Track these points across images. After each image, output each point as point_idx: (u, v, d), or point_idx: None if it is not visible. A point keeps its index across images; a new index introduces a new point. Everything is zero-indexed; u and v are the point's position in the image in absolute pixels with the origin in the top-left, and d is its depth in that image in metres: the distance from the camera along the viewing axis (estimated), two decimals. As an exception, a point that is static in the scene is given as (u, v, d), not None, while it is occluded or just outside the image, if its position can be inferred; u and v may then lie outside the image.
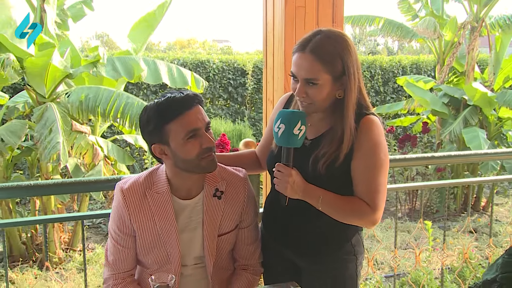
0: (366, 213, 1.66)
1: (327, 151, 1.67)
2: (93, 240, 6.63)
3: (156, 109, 1.63)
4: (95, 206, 7.73)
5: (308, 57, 1.61)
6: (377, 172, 1.66)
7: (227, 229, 1.81)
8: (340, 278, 1.83)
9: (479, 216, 7.44)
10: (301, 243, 1.82)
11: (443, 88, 8.08)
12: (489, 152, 2.91)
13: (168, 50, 22.36)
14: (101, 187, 2.22)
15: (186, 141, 1.62)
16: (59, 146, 4.48)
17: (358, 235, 1.86)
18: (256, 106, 9.85)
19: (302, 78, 1.63)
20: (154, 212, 1.73)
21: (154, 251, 1.77)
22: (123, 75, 5.15)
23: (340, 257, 1.82)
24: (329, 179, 1.67)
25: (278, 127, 1.63)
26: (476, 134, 7.15)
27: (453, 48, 8.15)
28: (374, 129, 1.67)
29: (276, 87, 2.33)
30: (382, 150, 1.67)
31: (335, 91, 1.66)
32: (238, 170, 1.87)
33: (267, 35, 2.41)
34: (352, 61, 1.63)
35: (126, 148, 8.13)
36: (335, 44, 1.62)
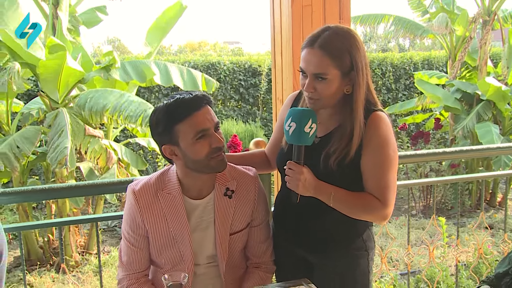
0: (377, 208, 1.68)
1: (338, 147, 1.68)
2: (109, 243, 6.70)
3: (166, 110, 1.65)
4: (110, 209, 7.80)
5: (317, 52, 1.63)
6: (386, 168, 1.68)
7: (239, 227, 1.83)
8: (352, 273, 1.84)
9: (495, 212, 7.36)
10: (312, 240, 1.83)
11: (455, 83, 8.02)
12: (502, 146, 2.88)
13: (179, 53, 22.48)
14: (114, 189, 2.26)
15: (195, 142, 1.64)
16: (66, 151, 4.53)
17: (369, 230, 1.87)
18: (268, 107, 9.86)
19: (311, 73, 1.65)
20: (166, 212, 1.75)
21: (167, 251, 1.79)
22: (134, 78, 5.20)
23: (352, 253, 1.83)
24: (340, 175, 1.68)
25: (289, 126, 1.65)
26: (489, 129, 7.08)
27: (464, 43, 8.08)
28: (382, 125, 1.68)
29: (286, 86, 2.34)
30: (391, 146, 1.68)
31: (344, 87, 1.67)
32: (248, 169, 1.88)
33: (275, 35, 2.43)
34: (360, 56, 1.65)
35: (139, 151, 8.20)
36: (343, 39, 1.64)
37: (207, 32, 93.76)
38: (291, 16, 2.21)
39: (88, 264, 5.71)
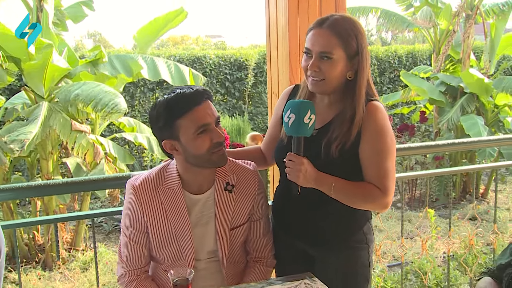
0: (378, 197, 1.70)
1: (339, 133, 1.70)
2: (95, 239, 6.64)
3: (166, 104, 1.64)
4: (95, 205, 7.73)
5: (325, 31, 1.67)
6: (384, 156, 1.70)
7: (239, 222, 1.83)
8: (353, 266, 1.85)
9: (478, 203, 7.49)
10: (313, 233, 1.84)
11: (439, 76, 8.12)
12: (492, 139, 2.94)
13: (161, 46, 22.28)
14: (111, 185, 2.24)
15: (196, 136, 1.63)
16: (30, 136, 4.41)
17: (369, 223, 1.89)
18: (253, 101, 9.86)
19: (317, 52, 1.67)
20: (166, 207, 1.74)
21: (167, 247, 1.78)
22: (122, 73, 5.15)
23: (352, 245, 1.84)
24: (341, 163, 1.70)
25: (288, 117, 1.65)
26: (475, 121, 7.19)
27: (448, 36, 8.17)
28: (379, 114, 1.71)
29: (282, 80, 2.34)
30: (389, 134, 1.71)
31: (347, 71, 1.70)
32: (248, 164, 1.88)
33: (271, 29, 2.42)
34: (364, 43, 1.69)
35: (125, 146, 8.13)
36: (351, 24, 1.69)
37: (189, 25, 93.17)
38: (287, 10, 2.20)
39: (75, 261, 5.66)
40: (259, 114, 9.82)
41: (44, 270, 5.37)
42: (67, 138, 4.97)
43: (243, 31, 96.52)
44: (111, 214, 2.22)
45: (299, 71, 2.24)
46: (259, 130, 9.50)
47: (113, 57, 5.33)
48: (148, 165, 7.77)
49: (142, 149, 8.32)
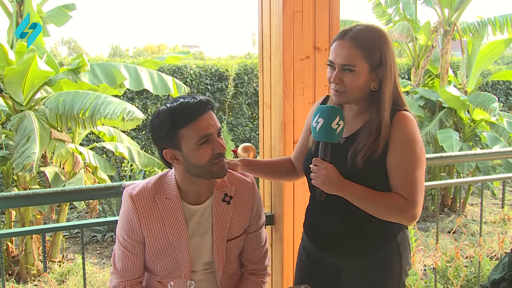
0: (404, 208, 1.65)
1: (366, 143, 1.67)
2: (72, 251, 6.53)
3: (169, 113, 1.63)
4: (72, 215, 7.61)
5: (347, 43, 1.65)
6: (413, 165, 1.66)
7: (236, 234, 1.82)
8: (382, 280, 1.79)
9: (456, 217, 7.63)
10: (341, 244, 1.80)
11: (419, 91, 8.29)
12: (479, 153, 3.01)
13: (138, 56, 22.14)
14: (101, 194, 2.20)
15: (198, 147, 1.63)
16: (34, 156, 4.41)
17: (404, 233, 1.81)
18: (234, 111, 9.86)
19: (339, 64, 1.66)
20: (164, 217, 1.72)
21: (163, 257, 1.76)
22: (104, 82, 5.10)
23: (383, 257, 1.78)
24: (367, 174, 1.67)
25: (316, 122, 1.65)
26: (449, 135, 7.38)
27: (427, 51, 8.37)
28: (409, 123, 1.67)
29: (274, 91, 2.35)
30: (418, 144, 1.67)
31: (371, 82, 1.68)
32: (246, 175, 1.88)
33: (264, 39, 2.43)
34: (389, 53, 1.67)
35: (103, 155, 8.02)
36: (374, 34, 1.67)
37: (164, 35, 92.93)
38: (282, 21, 2.21)
39: (51, 273, 5.55)
40: (239, 125, 9.83)
41: (18, 283, 5.25)
42: (46, 146, 4.89)
43: (220, 42, 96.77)
44: (109, 223, 2.18)
45: (292, 82, 2.26)
46: (239, 141, 9.51)
47: (95, 65, 5.28)
48: (128, 175, 7.68)
49: (121, 159, 8.24)
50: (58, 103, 4.88)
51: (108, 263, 6.02)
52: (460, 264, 4.13)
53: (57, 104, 4.90)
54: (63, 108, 4.85)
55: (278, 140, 2.32)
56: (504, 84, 12.04)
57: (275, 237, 2.45)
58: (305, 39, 2.25)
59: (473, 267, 4.87)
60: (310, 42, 2.26)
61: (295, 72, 2.25)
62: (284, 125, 2.26)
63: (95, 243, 6.81)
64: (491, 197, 8.56)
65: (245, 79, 9.85)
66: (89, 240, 6.81)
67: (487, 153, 3.79)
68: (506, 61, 19.33)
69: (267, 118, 2.46)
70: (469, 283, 4.50)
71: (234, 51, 41.65)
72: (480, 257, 3.26)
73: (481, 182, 3.37)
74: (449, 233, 6.46)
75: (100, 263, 6.13)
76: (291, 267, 2.38)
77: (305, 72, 2.27)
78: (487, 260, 4.73)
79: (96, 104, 4.78)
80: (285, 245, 2.36)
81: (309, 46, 2.26)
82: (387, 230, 1.76)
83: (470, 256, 5.38)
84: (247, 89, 9.89)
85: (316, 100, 2.29)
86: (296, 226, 2.34)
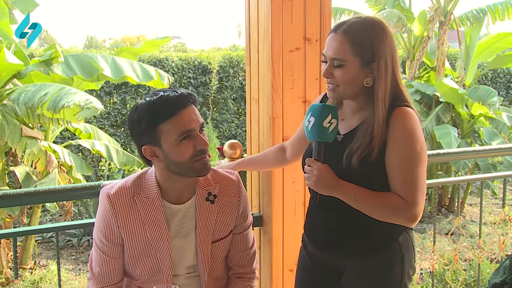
0: (403, 209, 1.65)
1: (362, 143, 1.68)
2: (45, 256, 6.49)
3: (148, 107, 1.63)
4: (45, 219, 7.56)
5: (338, 36, 1.67)
6: (412, 164, 1.65)
7: (221, 235, 1.83)
8: (383, 281, 1.81)
9: (454, 217, 7.70)
10: (340, 244, 1.82)
11: (414, 84, 8.35)
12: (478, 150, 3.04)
13: (116, 47, 22.00)
14: (78, 195, 2.19)
15: (179, 143, 1.63)
16: None
17: (407, 233, 1.81)
18: (218, 107, 9.85)
19: (329, 58, 1.69)
20: (143, 218, 1.73)
21: (143, 261, 1.77)
22: (79, 74, 5.06)
23: (385, 258, 1.79)
24: (363, 174, 1.68)
25: (308, 121, 1.67)
26: (448, 131, 7.44)
27: (422, 43, 8.43)
28: (408, 119, 1.67)
29: (262, 85, 2.36)
30: (418, 141, 1.67)
31: (363, 78, 1.69)
32: (231, 173, 1.89)
33: (251, 30, 2.44)
34: (384, 49, 1.67)
35: (78, 154, 7.98)
36: (368, 29, 1.68)
37: (144, 26, 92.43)
38: (270, 11, 2.21)
39: (22, 280, 5.51)
40: (224, 121, 9.83)
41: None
42: (16, 144, 4.86)
43: (204, 33, 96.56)
44: (86, 226, 2.17)
45: (281, 75, 2.27)
46: (224, 139, 9.51)
47: (69, 56, 5.23)
48: (106, 175, 7.64)
49: (99, 158, 8.19)
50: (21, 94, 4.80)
51: (85, 269, 6.00)
52: (458, 267, 4.18)
53: (19, 96, 4.83)
54: (24, 100, 4.76)
55: (266, 137, 2.33)
56: (504, 77, 12.19)
57: (264, 239, 2.46)
58: (295, 29, 2.26)
59: (473, 271, 4.95)
60: (300, 33, 2.27)
61: (284, 64, 2.26)
62: (272, 121, 2.28)
63: (70, 247, 6.78)
64: (491, 196, 8.66)
65: (231, 72, 9.85)
66: (63, 245, 6.77)
67: (487, 149, 3.85)
68: (506, 53, 19.55)
69: (255, 113, 2.48)
70: (468, 287, 4.56)
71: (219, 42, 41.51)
72: (479, 260, 3.30)
73: (481, 181, 3.40)
74: (447, 235, 6.52)
75: (75, 269, 6.10)
76: (281, 271, 2.39)
77: (295, 65, 2.28)
78: (487, 263, 4.79)
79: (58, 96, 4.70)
80: (274, 248, 2.37)
81: (299, 37, 2.27)
82: (388, 231, 1.76)
83: (469, 259, 5.46)
84: (232, 83, 9.90)
85: (306, 94, 2.31)
86: (286, 227, 2.35)
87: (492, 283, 1.83)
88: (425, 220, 7.60)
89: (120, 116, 8.94)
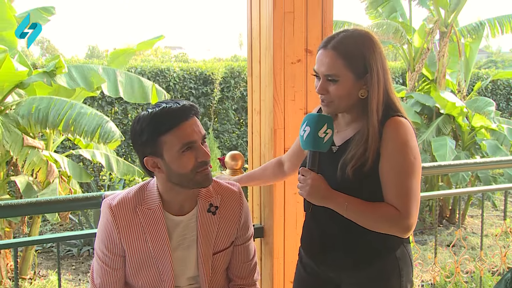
0: (397, 219, 1.65)
1: (355, 153, 1.69)
2: (45, 266, 6.46)
3: (151, 119, 1.63)
4: (45, 229, 7.54)
5: (329, 53, 1.68)
6: (406, 174, 1.66)
7: (223, 246, 1.83)
8: None
9: (455, 229, 7.68)
10: (335, 255, 1.82)
11: (415, 96, 8.36)
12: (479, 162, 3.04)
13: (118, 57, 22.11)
14: (80, 205, 2.19)
15: (181, 154, 1.63)
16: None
17: (404, 247, 1.80)
18: (220, 117, 9.86)
19: (323, 75, 1.70)
20: (145, 229, 1.73)
21: (145, 272, 1.76)
22: (82, 85, 5.08)
23: (382, 271, 1.79)
24: (358, 185, 1.68)
25: (303, 130, 1.69)
26: (444, 143, 7.43)
27: (422, 55, 8.46)
28: (401, 129, 1.68)
29: (264, 96, 2.36)
30: (412, 151, 1.67)
31: (358, 90, 1.70)
32: (233, 185, 1.90)
33: (253, 42, 2.45)
34: (375, 59, 1.68)
35: (79, 163, 7.98)
36: (357, 41, 1.69)
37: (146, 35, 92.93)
38: (272, 23, 2.23)
39: (22, 291, 5.49)
40: (225, 131, 9.84)
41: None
42: (17, 154, 4.86)
43: (205, 43, 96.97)
44: (87, 237, 2.17)
45: (283, 87, 2.28)
46: (225, 149, 9.51)
47: (72, 67, 5.26)
48: (106, 185, 7.64)
49: (99, 168, 8.19)
50: (31, 110, 4.84)
51: (85, 279, 5.98)
52: (460, 279, 4.15)
53: (29, 111, 4.87)
54: (36, 116, 4.83)
55: (268, 148, 2.34)
56: (504, 89, 12.21)
57: (265, 250, 2.46)
58: (296, 41, 2.28)
59: (474, 283, 4.92)
60: (302, 45, 2.28)
61: (286, 76, 2.27)
62: (274, 132, 2.28)
63: (70, 258, 6.76)
64: (492, 208, 8.64)
65: (232, 83, 9.87)
66: (63, 255, 6.75)
67: (488, 162, 3.84)
68: (507, 65, 19.63)
69: (256, 125, 2.48)
70: (469, 300, 4.53)
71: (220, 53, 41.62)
72: (481, 273, 3.29)
73: (482, 193, 3.40)
74: (448, 247, 6.50)
75: (75, 279, 6.08)
76: (282, 282, 2.39)
77: (297, 76, 2.29)
78: (488, 275, 4.77)
79: (70, 115, 4.77)
80: (275, 259, 2.37)
81: (301, 49, 2.28)
82: (384, 242, 1.75)
83: (470, 271, 5.43)
84: (233, 93, 9.91)
85: (308, 105, 2.32)
86: (287, 238, 2.35)
87: None
88: (426, 232, 7.58)
89: (121, 126, 8.95)
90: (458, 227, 3.42)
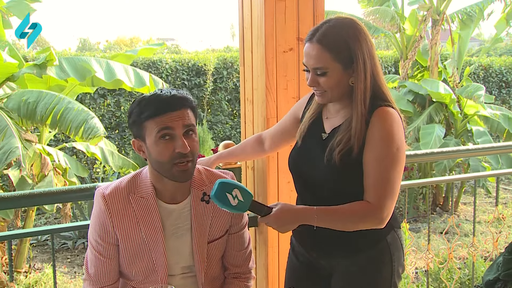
0: (369, 214, 1.66)
1: (342, 139, 1.71)
2: (40, 259, 6.46)
3: (139, 103, 1.68)
4: (39, 222, 7.53)
5: (315, 46, 1.69)
6: (386, 165, 1.66)
7: (217, 235, 1.84)
8: (372, 281, 1.82)
9: (449, 216, 7.73)
10: (328, 243, 1.83)
11: (407, 84, 8.37)
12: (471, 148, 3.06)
13: (109, 50, 21.96)
14: (74, 197, 2.20)
15: (158, 140, 1.65)
16: (18, 151, 4.36)
17: (395, 232, 1.83)
18: (213, 108, 9.84)
19: (311, 68, 1.71)
20: (138, 217, 1.74)
21: (138, 261, 1.77)
22: (72, 76, 5.05)
23: (373, 258, 1.81)
24: (343, 170, 1.70)
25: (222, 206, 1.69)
26: (431, 131, 7.44)
27: (415, 43, 8.46)
28: (387, 119, 1.68)
29: (256, 85, 2.37)
30: (395, 142, 1.67)
31: (348, 79, 1.71)
32: (226, 173, 1.90)
33: (244, 31, 2.45)
34: (361, 47, 1.69)
35: (73, 156, 7.96)
36: (341, 31, 1.69)
37: (138, 27, 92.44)
38: (263, 12, 2.23)
39: (17, 284, 5.48)
40: (219, 122, 9.82)
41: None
42: (22, 145, 4.84)
43: (198, 35, 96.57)
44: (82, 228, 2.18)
45: (275, 76, 2.28)
46: (219, 140, 9.50)
47: (63, 59, 5.22)
48: (100, 177, 7.63)
49: (93, 160, 8.17)
50: (21, 103, 4.81)
51: (80, 272, 5.98)
52: (453, 265, 4.19)
53: (19, 104, 4.84)
54: (25, 109, 4.80)
55: (261, 137, 2.34)
56: (497, 77, 12.25)
57: (259, 239, 2.47)
58: (288, 30, 2.28)
59: (467, 269, 4.95)
60: (294, 33, 2.29)
61: (278, 65, 2.28)
62: (267, 121, 2.29)
63: (65, 250, 6.76)
64: (484, 195, 8.70)
65: (224, 73, 9.84)
66: (58, 248, 6.75)
67: (480, 148, 3.85)
68: (499, 53, 19.68)
69: (249, 114, 2.49)
70: (463, 286, 4.58)
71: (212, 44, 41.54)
72: (474, 258, 3.32)
73: (475, 179, 3.42)
74: (441, 234, 6.55)
75: (71, 272, 6.08)
76: (276, 271, 2.40)
77: (289, 65, 2.29)
78: (481, 261, 4.81)
79: (58, 110, 4.75)
80: (269, 248, 2.38)
81: (293, 38, 2.29)
82: (375, 230, 1.74)
83: (463, 257, 5.47)
84: (226, 84, 9.89)
85: (300, 94, 2.32)
86: (281, 227, 2.36)
87: (486, 280, 1.85)
88: (420, 219, 7.63)
89: (114, 118, 8.92)
90: (451, 214, 3.44)
